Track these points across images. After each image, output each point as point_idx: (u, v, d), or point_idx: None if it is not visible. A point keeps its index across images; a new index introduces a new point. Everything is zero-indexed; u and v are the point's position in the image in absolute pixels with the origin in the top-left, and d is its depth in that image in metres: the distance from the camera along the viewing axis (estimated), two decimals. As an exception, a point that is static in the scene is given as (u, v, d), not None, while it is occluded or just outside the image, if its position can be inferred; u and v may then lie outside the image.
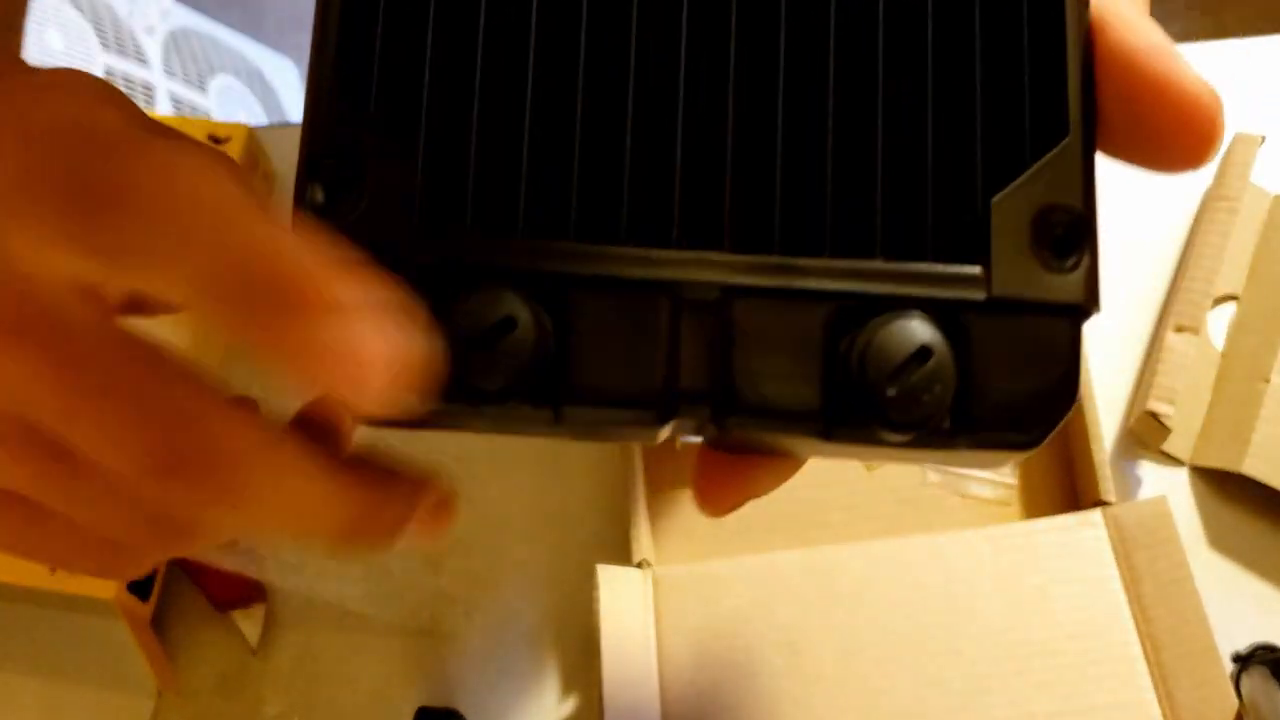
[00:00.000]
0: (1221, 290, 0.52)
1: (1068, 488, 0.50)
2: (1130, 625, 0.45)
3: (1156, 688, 0.44)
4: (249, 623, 0.49)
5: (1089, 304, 0.18)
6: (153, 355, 0.20)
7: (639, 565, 0.47)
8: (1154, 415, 0.48)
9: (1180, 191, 0.55)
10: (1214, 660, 0.44)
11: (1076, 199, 0.18)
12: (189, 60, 1.12)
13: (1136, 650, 0.45)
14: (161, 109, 1.04)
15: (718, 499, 0.23)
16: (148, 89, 1.03)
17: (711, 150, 0.19)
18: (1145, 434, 0.50)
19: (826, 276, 0.19)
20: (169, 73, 1.07)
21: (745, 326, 0.19)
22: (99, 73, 0.97)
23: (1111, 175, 0.59)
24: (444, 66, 0.19)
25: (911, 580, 0.46)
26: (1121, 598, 0.46)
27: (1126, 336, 0.53)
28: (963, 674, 0.45)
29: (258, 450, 0.20)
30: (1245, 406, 0.49)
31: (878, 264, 0.19)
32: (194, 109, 1.09)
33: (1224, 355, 0.52)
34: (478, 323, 0.18)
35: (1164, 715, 0.44)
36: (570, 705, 0.48)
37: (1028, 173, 0.18)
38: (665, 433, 0.20)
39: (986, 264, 0.18)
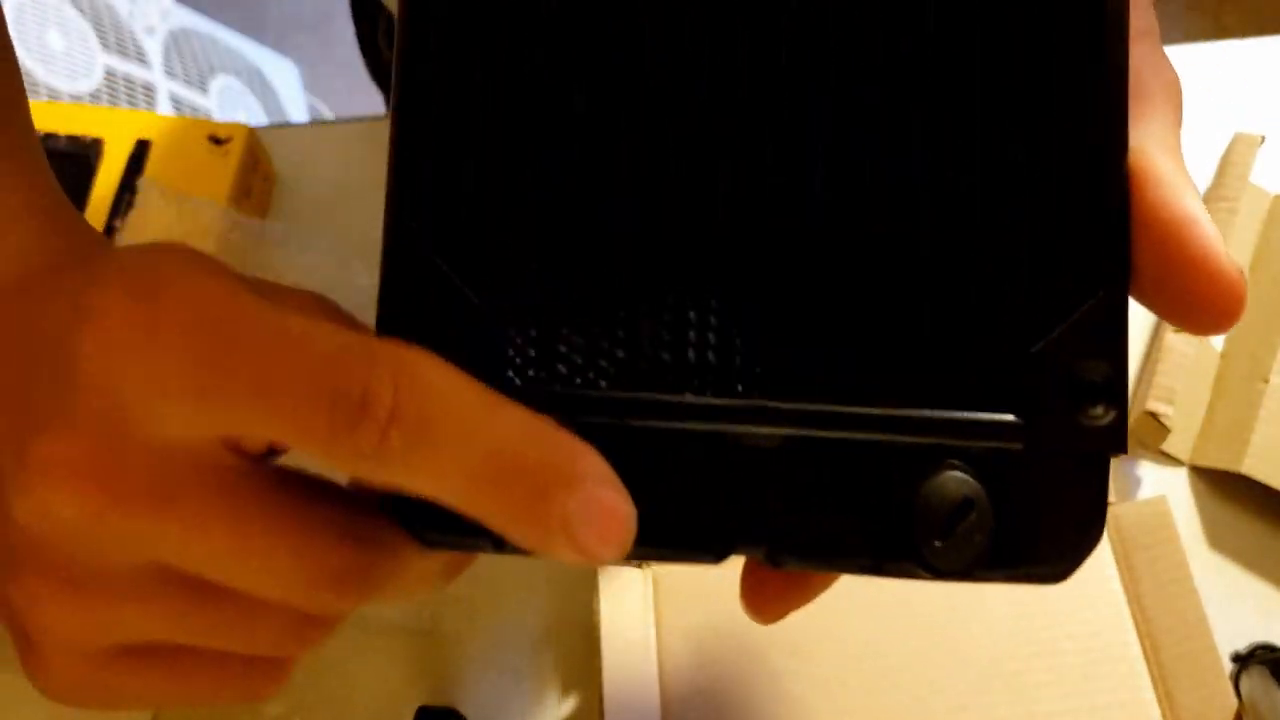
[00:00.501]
0: (1221, 290, 0.52)
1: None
2: (1130, 625, 0.45)
3: (1156, 687, 0.44)
4: (250, 623, 0.49)
5: (1118, 450, 0.19)
6: (293, 481, 0.21)
7: (639, 565, 0.47)
8: (1153, 415, 0.49)
9: (1180, 192, 0.55)
10: (1213, 660, 0.44)
11: (1112, 353, 0.19)
12: (189, 60, 1.12)
13: (1136, 650, 0.45)
14: (162, 109, 1.04)
15: (767, 611, 0.24)
16: (148, 89, 1.03)
17: (770, 307, 0.20)
18: (1145, 434, 0.50)
19: (874, 427, 0.20)
20: (169, 73, 1.07)
21: (799, 475, 0.20)
22: (99, 73, 0.97)
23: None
24: (524, 225, 0.20)
25: (912, 581, 0.46)
26: (1121, 597, 0.46)
27: (1126, 337, 0.53)
28: (963, 674, 0.45)
29: (396, 541, 0.22)
30: (1244, 406, 0.49)
31: (922, 413, 0.19)
32: (194, 109, 1.09)
33: (1223, 355, 0.52)
34: None
35: (1163, 715, 0.44)
36: (570, 705, 0.48)
37: (1065, 325, 0.19)
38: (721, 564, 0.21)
39: (1023, 413, 0.19)
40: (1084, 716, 0.44)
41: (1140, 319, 0.53)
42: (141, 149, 0.54)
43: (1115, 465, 0.50)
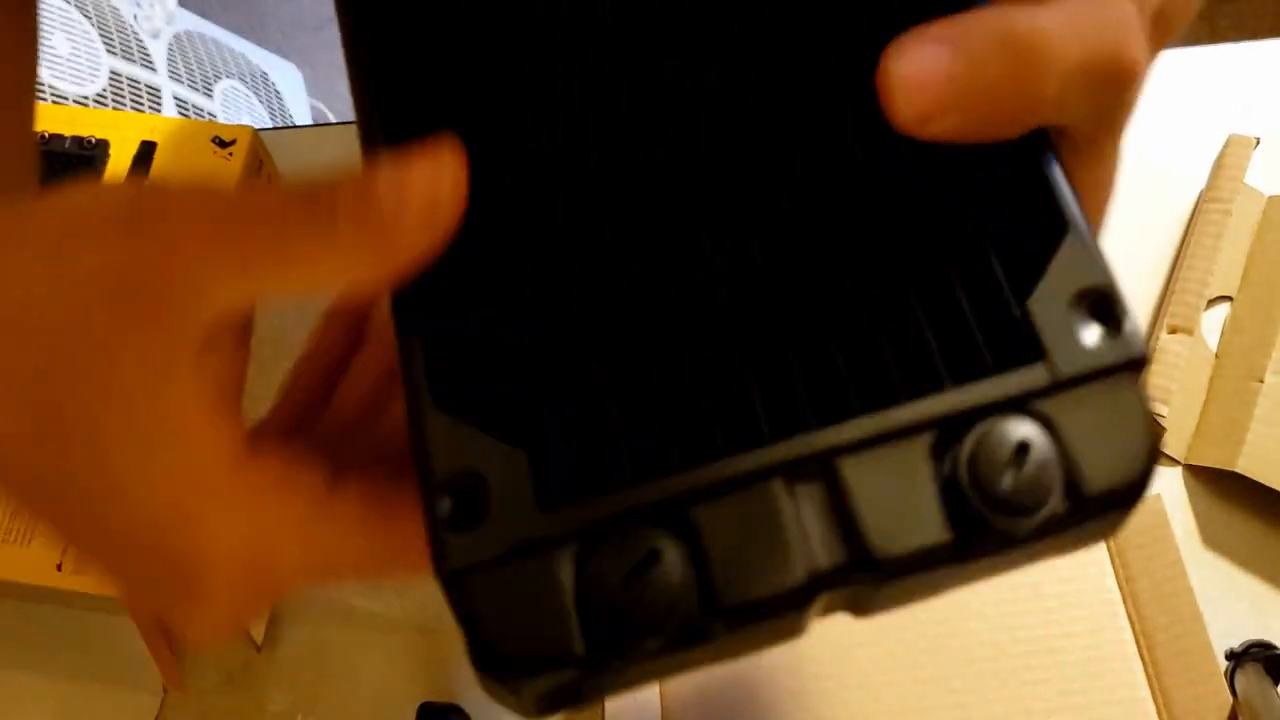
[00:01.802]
0: (1215, 291, 0.52)
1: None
2: (1125, 623, 0.45)
3: (1151, 685, 0.44)
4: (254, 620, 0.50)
5: (1142, 358, 0.20)
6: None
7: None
8: (1149, 415, 0.49)
9: (1174, 193, 0.55)
10: (1208, 657, 0.44)
11: (1096, 275, 0.20)
12: (194, 64, 1.12)
13: (1131, 648, 0.45)
14: (166, 112, 1.04)
15: None
16: (153, 92, 1.03)
17: (775, 348, 0.21)
18: (1140, 433, 0.50)
19: (912, 414, 0.20)
20: (174, 76, 1.08)
21: (858, 484, 0.20)
22: (104, 76, 0.97)
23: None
24: (526, 362, 0.21)
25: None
26: (1116, 596, 0.46)
27: (1122, 337, 0.53)
28: (960, 672, 0.45)
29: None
30: (1239, 406, 0.50)
31: (950, 394, 0.20)
32: (198, 112, 1.09)
33: (1218, 355, 0.52)
34: (623, 564, 0.19)
35: (1159, 712, 0.44)
36: (571, 701, 0.48)
37: (1047, 272, 0.20)
38: (805, 626, 0.21)
39: (1044, 358, 0.20)
40: (1080, 714, 0.44)
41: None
42: (146, 151, 0.55)
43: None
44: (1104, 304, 0.20)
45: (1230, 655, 0.45)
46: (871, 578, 0.20)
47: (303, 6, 1.60)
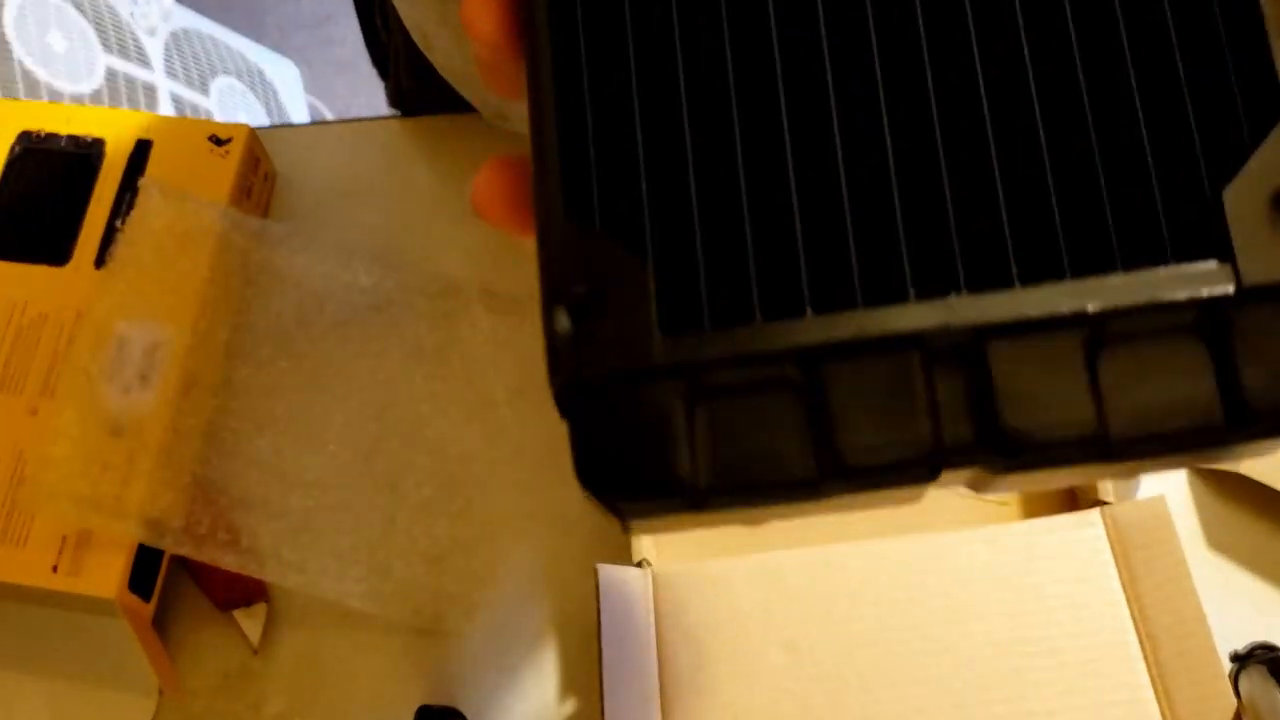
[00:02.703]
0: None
1: (1066, 487, 0.50)
2: (1129, 624, 0.45)
3: (1155, 687, 0.44)
4: (251, 622, 0.49)
5: None
6: None
7: (639, 564, 0.48)
8: (1152, 415, 0.49)
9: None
10: (1212, 659, 0.44)
11: None
12: (190, 61, 1.12)
13: (1135, 650, 0.45)
14: (163, 110, 1.04)
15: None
16: (149, 90, 1.03)
17: (929, 194, 0.19)
18: (1144, 434, 0.50)
19: (1074, 298, 0.18)
20: (170, 74, 1.07)
21: (1004, 369, 0.19)
22: (100, 74, 0.97)
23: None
24: (662, 172, 0.19)
25: (910, 579, 0.47)
26: (1120, 597, 0.46)
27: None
28: (962, 673, 0.45)
29: None
30: (1243, 406, 0.49)
31: (1119, 278, 0.18)
32: (195, 110, 1.09)
33: (1222, 355, 0.52)
34: (744, 407, 0.19)
35: (1163, 714, 0.44)
36: (571, 704, 0.48)
37: (1254, 156, 0.18)
38: (930, 491, 0.20)
39: (1227, 256, 0.18)
40: (1082, 714, 0.44)
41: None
42: (143, 149, 0.55)
43: (1114, 465, 0.50)
44: None
45: (1234, 657, 0.45)
46: (1003, 462, 0.19)
47: (300, 4, 1.60)
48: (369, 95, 0.77)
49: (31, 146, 0.55)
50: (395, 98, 0.70)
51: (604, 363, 0.19)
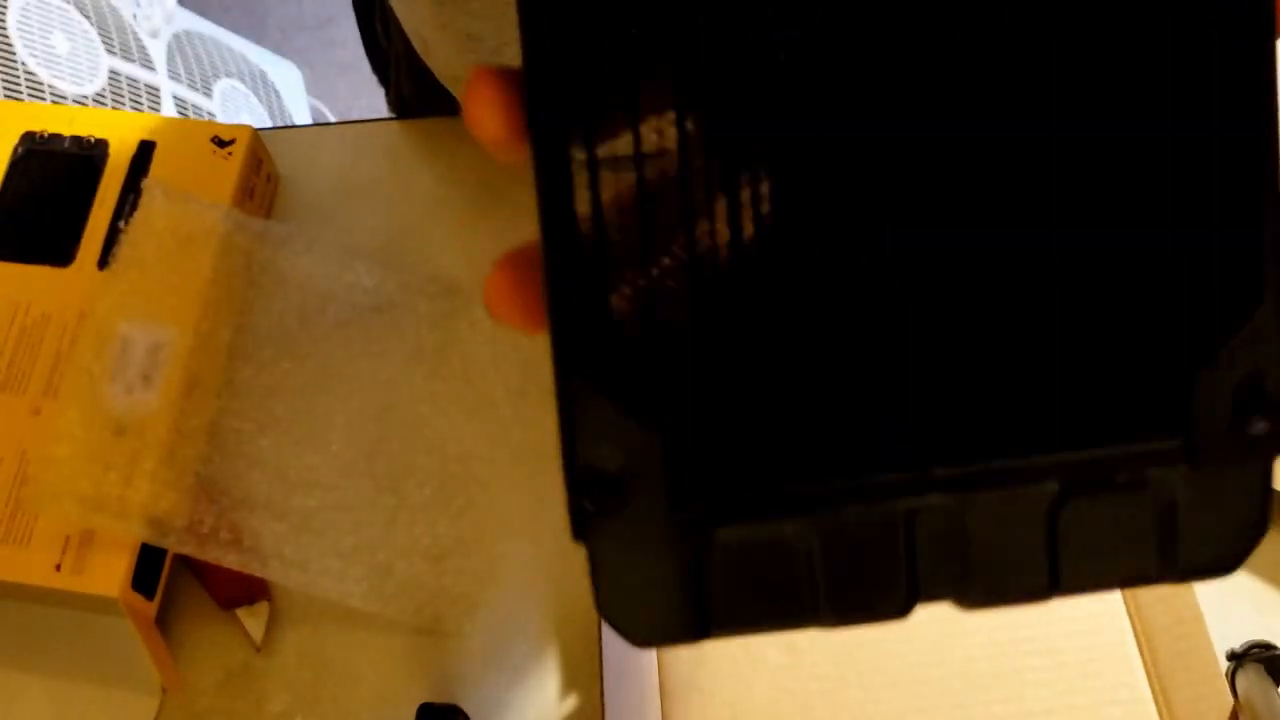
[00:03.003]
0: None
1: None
2: (1126, 623, 0.45)
3: (1152, 685, 0.44)
4: (253, 621, 0.50)
5: (1275, 452, 0.20)
6: None
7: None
8: (1150, 415, 0.49)
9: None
10: (1209, 658, 0.44)
11: (1271, 364, 0.19)
12: (193, 63, 1.12)
13: (1132, 648, 0.45)
14: (165, 112, 1.04)
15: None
16: (152, 92, 1.03)
17: (922, 379, 0.20)
18: (1141, 434, 0.50)
19: (1045, 472, 0.20)
20: (173, 76, 1.08)
21: (977, 531, 0.20)
22: (103, 76, 0.97)
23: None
24: (674, 350, 0.20)
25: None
26: (1117, 595, 0.46)
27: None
28: (960, 672, 0.45)
29: None
30: (1241, 406, 0.49)
31: (1087, 453, 0.20)
32: (198, 112, 1.09)
33: (1220, 356, 0.52)
34: (751, 557, 0.21)
35: (1160, 713, 0.44)
36: (571, 702, 0.48)
37: (1230, 344, 0.19)
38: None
39: (1188, 433, 0.19)
40: (1081, 714, 0.44)
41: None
42: (146, 151, 0.55)
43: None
44: (1271, 398, 0.19)
45: (1231, 656, 0.45)
46: (967, 607, 0.21)
47: (302, 6, 1.60)
48: (370, 97, 0.78)
49: (35, 148, 0.55)
50: (396, 105, 0.70)
51: (621, 529, 0.21)
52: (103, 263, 0.52)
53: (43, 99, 0.91)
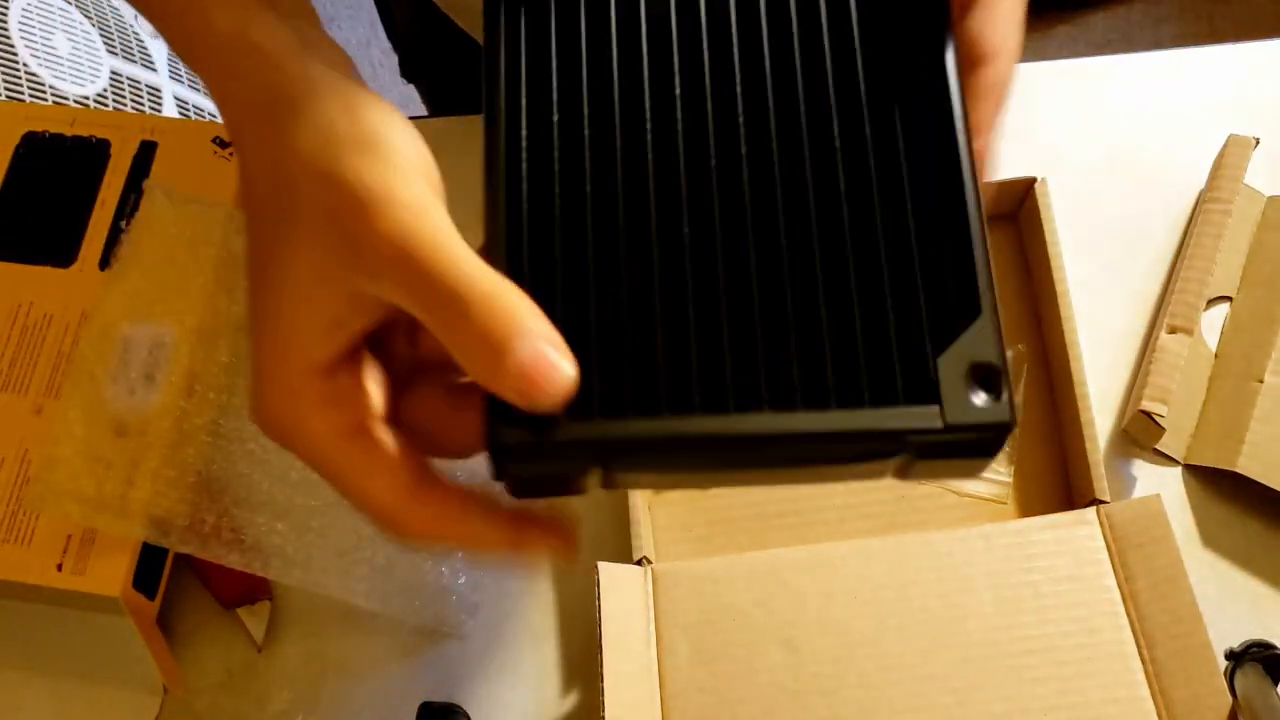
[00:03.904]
0: (1215, 291, 0.52)
1: (1063, 486, 0.50)
2: (1125, 622, 0.46)
3: (1151, 684, 0.45)
4: (254, 620, 0.50)
5: (1012, 422, 0.27)
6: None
7: (639, 562, 0.48)
8: (1148, 415, 0.49)
9: (1175, 193, 0.56)
10: (1208, 657, 0.44)
11: (994, 356, 0.27)
12: (194, 64, 1.12)
13: (1131, 647, 0.45)
14: (167, 112, 1.04)
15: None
16: (154, 92, 1.03)
17: (751, 336, 0.28)
18: (1139, 433, 0.50)
19: (839, 422, 0.28)
20: (175, 77, 1.08)
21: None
22: (105, 76, 0.97)
23: (1111, 178, 0.59)
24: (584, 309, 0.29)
25: (908, 577, 0.47)
26: (1116, 595, 0.46)
27: (1121, 337, 0.53)
28: (958, 670, 0.45)
29: (437, 521, 0.30)
30: (1239, 406, 0.50)
31: (869, 411, 0.27)
32: (199, 112, 1.09)
33: (1218, 355, 0.52)
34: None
35: (1158, 711, 0.44)
36: (572, 700, 0.49)
37: (957, 343, 0.28)
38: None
39: (939, 403, 0.27)
40: (1079, 713, 0.44)
41: (1135, 320, 0.54)
42: (147, 151, 0.55)
43: (1110, 464, 0.50)
44: (993, 378, 0.27)
45: (1230, 655, 0.45)
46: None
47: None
48: (371, 98, 0.78)
49: (36, 148, 0.56)
50: (389, 33, 0.74)
51: (526, 438, 0.27)
52: (104, 263, 0.52)
53: (44, 99, 0.91)
